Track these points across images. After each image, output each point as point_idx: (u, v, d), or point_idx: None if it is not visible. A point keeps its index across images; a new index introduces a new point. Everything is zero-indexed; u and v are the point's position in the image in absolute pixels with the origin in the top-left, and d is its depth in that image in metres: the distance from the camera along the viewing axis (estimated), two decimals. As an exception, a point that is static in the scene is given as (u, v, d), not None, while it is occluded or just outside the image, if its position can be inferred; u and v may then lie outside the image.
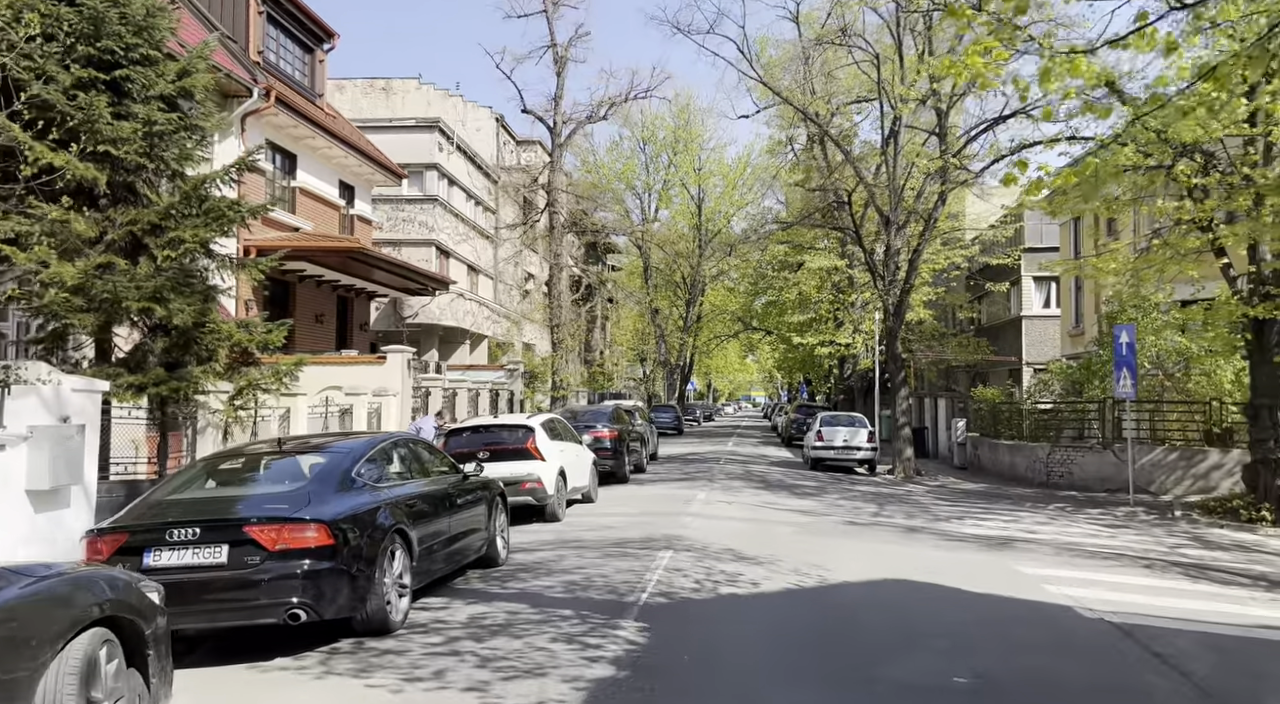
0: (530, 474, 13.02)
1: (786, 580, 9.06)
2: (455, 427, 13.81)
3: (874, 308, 31.54)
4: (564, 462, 14.04)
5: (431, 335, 33.98)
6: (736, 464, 25.61)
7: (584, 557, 10.23)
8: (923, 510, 16.11)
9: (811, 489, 19.28)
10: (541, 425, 13.77)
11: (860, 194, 25.67)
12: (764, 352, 59.18)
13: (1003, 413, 23.25)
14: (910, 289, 23.30)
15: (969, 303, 35.77)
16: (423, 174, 33.85)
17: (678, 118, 57.68)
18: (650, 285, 56.25)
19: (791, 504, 16.29)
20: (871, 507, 16.43)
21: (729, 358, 77.69)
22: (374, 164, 26.23)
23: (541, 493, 13.05)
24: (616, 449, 19.35)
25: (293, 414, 15.07)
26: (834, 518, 14.65)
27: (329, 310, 24.77)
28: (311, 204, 23.50)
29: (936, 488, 20.79)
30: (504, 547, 9.89)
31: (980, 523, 14.58)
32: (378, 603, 6.60)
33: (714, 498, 16.74)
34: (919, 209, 22.44)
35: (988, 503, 17.74)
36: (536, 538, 11.86)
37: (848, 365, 37.67)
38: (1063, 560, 11.18)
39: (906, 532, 13.30)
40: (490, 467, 12.72)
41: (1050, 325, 33.21)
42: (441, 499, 8.16)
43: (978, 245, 31.91)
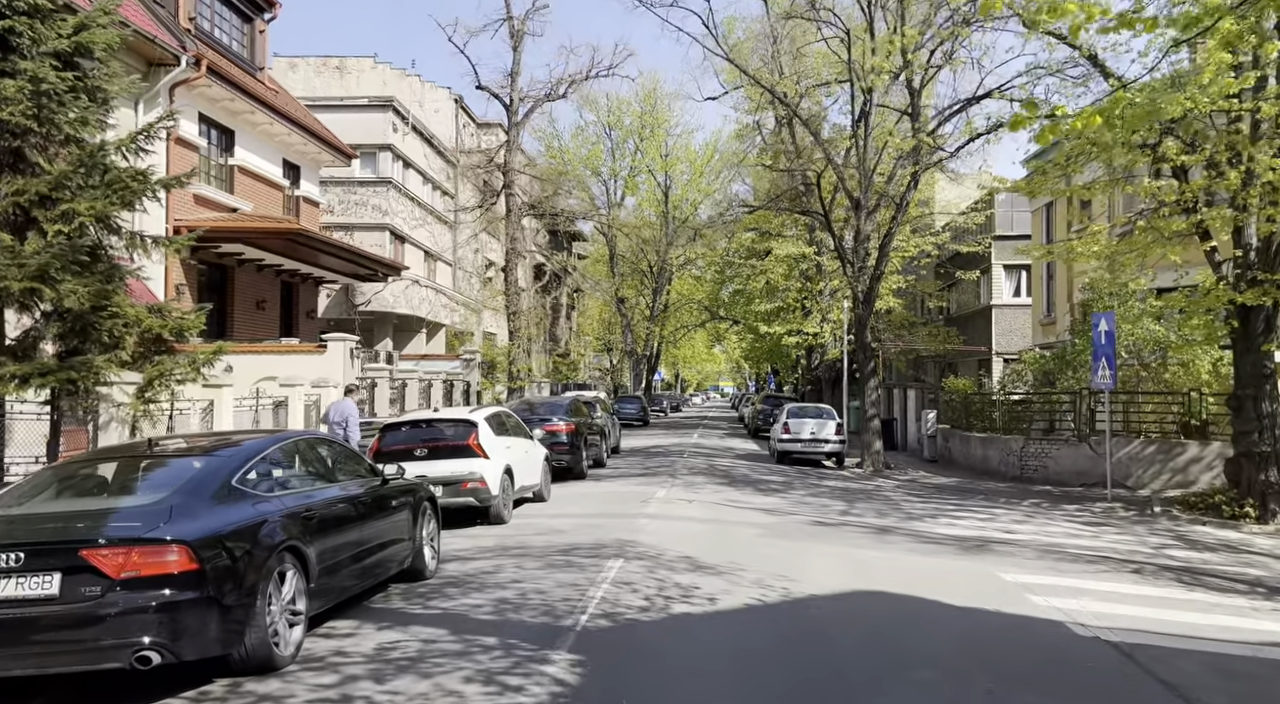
0: (472, 473, 11.95)
1: (748, 595, 8.09)
2: (390, 421, 12.70)
3: (843, 296, 30.71)
4: (511, 459, 12.98)
5: (385, 324, 32.69)
6: (701, 457, 24.67)
7: (524, 567, 9.19)
8: (894, 508, 15.26)
9: (777, 485, 18.39)
10: (486, 420, 12.69)
11: (829, 178, 24.78)
12: (731, 341, 58.37)
13: (974, 404, 22.53)
14: (880, 276, 22.45)
15: (939, 292, 35.11)
16: (376, 155, 32.48)
17: (644, 103, 56.65)
18: (616, 274, 55.19)
19: (756, 502, 15.37)
20: (840, 504, 15.56)
21: (696, 348, 76.87)
22: (321, 143, 24.89)
23: (484, 493, 12.00)
24: (573, 443, 18.32)
25: (217, 408, 13.87)
26: (800, 517, 13.74)
27: (271, 296, 23.45)
28: (251, 184, 22.15)
29: (907, 483, 20.00)
30: (433, 557, 8.83)
31: (955, 522, 13.75)
32: (260, 636, 5.52)
33: (674, 495, 15.77)
34: (890, 193, 21.57)
35: (960, 499, 16.95)
36: (476, 544, 10.81)
37: (815, 355, 36.89)
38: (1046, 565, 10.33)
39: (878, 533, 12.41)
40: (429, 465, 11.69)
41: (1021, 314, 32.62)
42: (351, 508, 7.08)
43: (948, 232, 31.19)
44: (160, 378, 11.96)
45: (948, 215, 31.75)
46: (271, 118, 22.05)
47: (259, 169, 22.41)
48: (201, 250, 19.80)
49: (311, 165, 25.94)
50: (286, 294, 24.99)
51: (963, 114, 19.21)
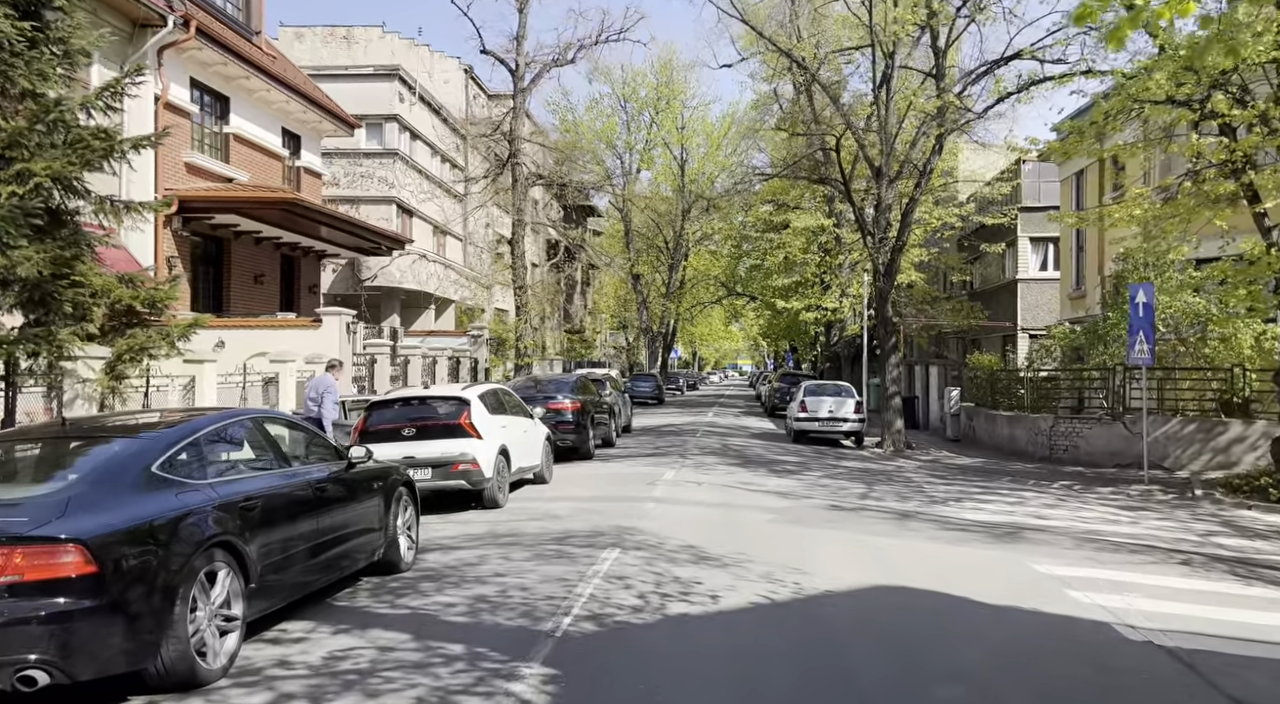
0: (464, 454, 11.17)
1: (754, 591, 7.27)
2: (378, 399, 11.94)
3: (862, 269, 29.65)
4: (508, 439, 12.19)
5: (392, 300, 31.96)
6: (714, 437, 23.84)
7: (511, 558, 8.40)
8: (916, 490, 14.38)
9: (793, 466, 17.53)
10: (479, 397, 11.88)
11: (849, 147, 23.71)
12: (748, 318, 57.31)
13: (1001, 381, 21.51)
14: (903, 248, 21.42)
15: (963, 265, 33.93)
16: (382, 126, 31.63)
17: (659, 74, 55.34)
18: (631, 249, 54.20)
19: (769, 484, 14.52)
20: (859, 486, 14.69)
21: (713, 326, 75.83)
22: (321, 111, 24.05)
23: (477, 476, 11.21)
24: (579, 422, 17.52)
25: (199, 385, 13.14)
26: (816, 501, 12.89)
27: (270, 270, 22.72)
28: (248, 153, 21.37)
29: (929, 463, 19.09)
30: (410, 548, 8.05)
31: (982, 506, 12.86)
32: (179, 649, 4.75)
33: (683, 477, 14.95)
34: (913, 159, 20.49)
35: (987, 480, 16.03)
36: (464, 531, 10.03)
37: (834, 331, 35.87)
38: (1084, 555, 9.45)
39: (899, 518, 11.55)
40: (417, 445, 10.93)
41: (1048, 289, 31.46)
42: (307, 495, 6.30)
43: (973, 203, 30.00)
44: (131, 352, 11.26)
45: (973, 184, 30.50)
46: (268, 84, 21.22)
47: (256, 137, 21.62)
48: (194, 221, 19.11)
49: (313, 135, 25.11)
50: (287, 268, 24.27)
51: (990, 76, 18.06)
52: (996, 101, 17.30)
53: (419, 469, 11.06)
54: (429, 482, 11.13)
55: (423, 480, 11.09)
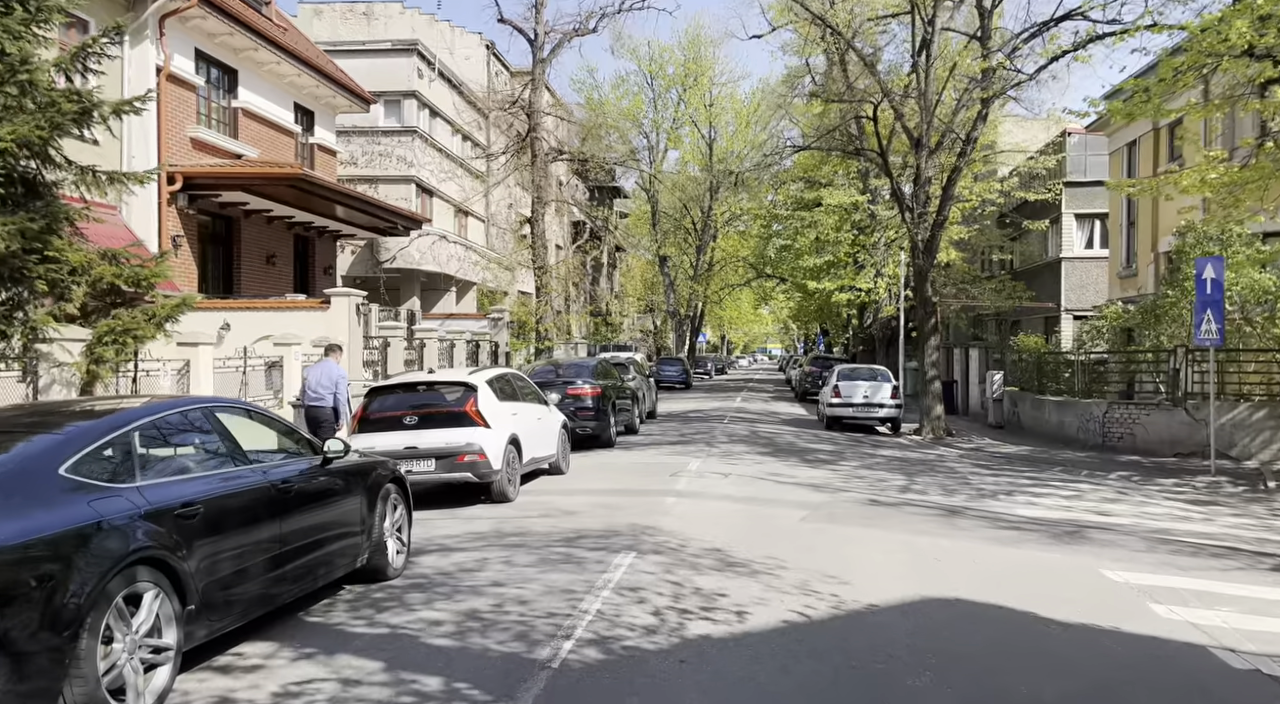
0: (470, 444, 10.29)
1: (787, 606, 6.31)
2: (378, 385, 11.09)
3: (898, 247, 28.41)
4: (519, 427, 11.29)
5: (412, 282, 31.19)
6: (742, 423, 22.84)
7: (514, 563, 7.50)
8: (962, 482, 13.32)
9: (826, 455, 16.50)
10: (487, 383, 10.98)
11: (885, 119, 22.47)
12: (778, 301, 56.05)
13: (1048, 364, 20.27)
14: (944, 223, 20.20)
15: (1003, 243, 32.48)
16: (400, 103, 30.76)
17: (687, 50, 54.09)
18: (658, 231, 53.12)
19: (802, 475, 13.52)
20: (899, 478, 13.65)
21: (743, 309, 74.57)
22: (335, 86, 23.22)
23: (484, 467, 10.33)
24: (599, 408, 16.61)
25: (194, 369, 12.36)
26: (853, 494, 11.88)
27: (283, 251, 22.00)
28: (258, 128, 20.59)
29: (972, 451, 17.98)
30: (399, 551, 7.18)
31: (1035, 500, 11.79)
32: (87, 691, 3.89)
33: (709, 467, 13.99)
34: (955, 128, 19.24)
35: (1036, 471, 14.92)
36: (468, 529, 9.15)
37: (868, 313, 34.62)
38: (1159, 559, 8.38)
39: (946, 515, 10.51)
40: (419, 435, 10.05)
41: (1094, 268, 30.00)
42: (265, 497, 5.42)
43: (1016, 177, 28.58)
44: (113, 334, 10.48)
45: (1017, 156, 29.02)
46: (278, 56, 20.39)
47: (266, 112, 20.83)
48: (201, 199, 18.38)
49: (326, 110, 24.30)
50: (302, 249, 23.55)
51: (1041, 38, 16.74)
52: (1050, 61, 16.01)
53: (421, 460, 10.21)
54: (432, 474, 10.27)
55: (425, 473, 10.25)
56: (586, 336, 49.76)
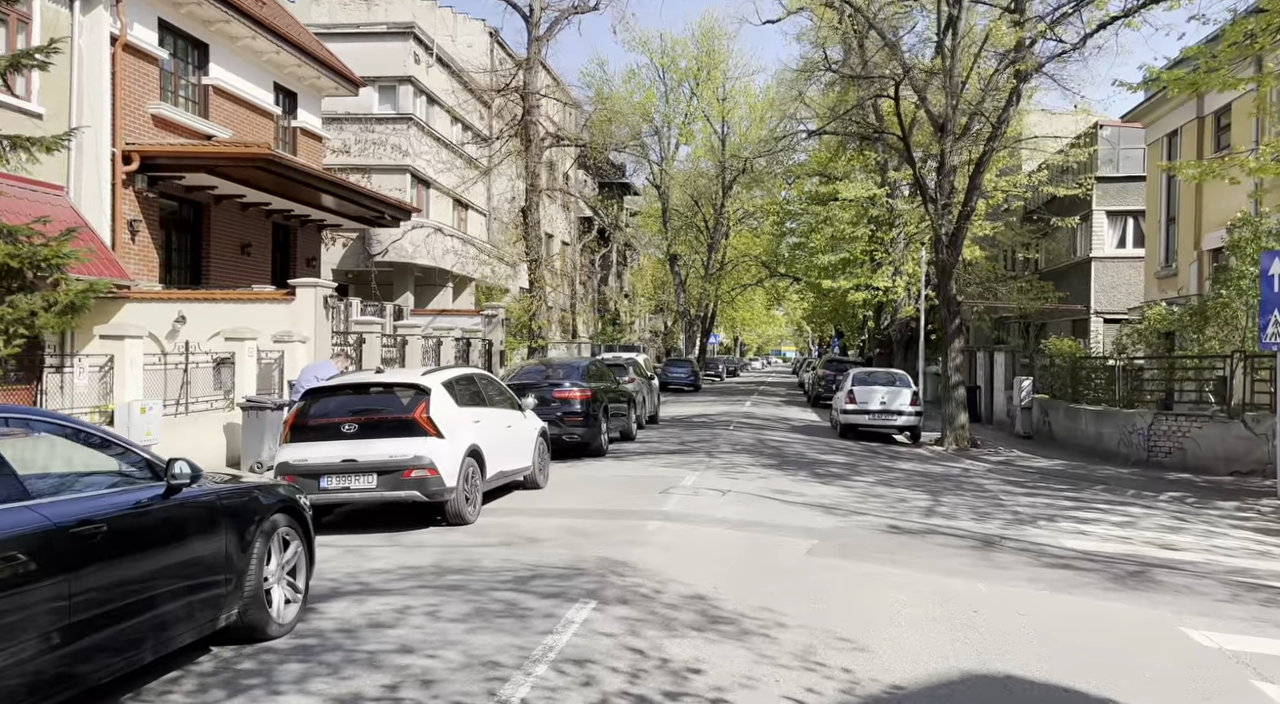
0: (418, 457, 8.74)
1: (783, 691, 4.71)
2: (315, 386, 9.58)
3: (919, 243, 26.72)
4: (482, 437, 9.74)
5: (405, 277, 29.72)
6: (749, 430, 21.21)
7: (440, 616, 5.93)
8: (993, 503, 11.68)
9: (839, 468, 14.87)
10: (444, 386, 9.42)
11: (907, 103, 20.82)
12: (792, 301, 54.33)
13: (1084, 370, 18.54)
14: (970, 214, 18.52)
15: (1029, 241, 30.68)
16: (395, 89, 29.29)
17: (700, 43, 52.55)
18: (669, 229, 51.53)
19: (810, 493, 11.90)
20: (922, 497, 12.01)
21: (755, 310, 72.83)
22: (319, 66, 21.76)
23: (434, 484, 8.78)
24: (589, 413, 15.05)
25: (118, 365, 10.88)
26: (870, 518, 10.26)
27: (260, 240, 20.54)
28: (232, 108, 19.15)
29: (1000, 466, 16.30)
30: (290, 601, 5.62)
31: (1082, 527, 10.15)
32: None
33: (706, 483, 12.39)
34: (985, 111, 17.56)
35: (1075, 490, 13.25)
36: (404, 561, 7.60)
37: (885, 314, 32.90)
38: (1250, 612, 6.75)
39: (981, 547, 8.88)
40: (359, 446, 8.52)
41: (1126, 268, 28.23)
42: (36, 547, 3.86)
43: (1045, 171, 26.84)
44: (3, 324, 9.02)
45: (1042, 151, 27.27)
46: (253, 30, 18.92)
47: (241, 91, 19.37)
48: (163, 181, 16.94)
49: (311, 93, 22.85)
50: (282, 239, 22.11)
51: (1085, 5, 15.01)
52: (1098, 28, 14.30)
53: (361, 476, 8.67)
54: (373, 492, 8.72)
55: (365, 491, 8.71)
56: (593, 336, 48.22)
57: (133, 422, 10.43)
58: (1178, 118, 22.46)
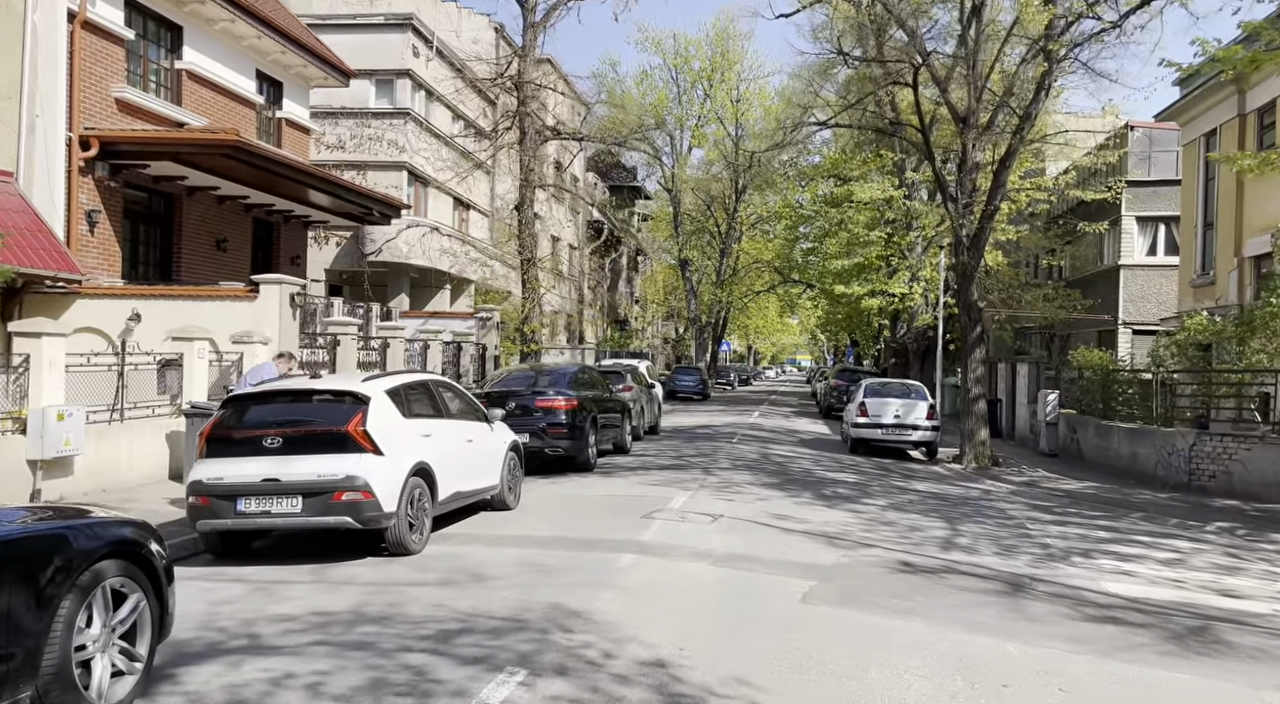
0: (350, 477, 7.50)
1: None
2: (238, 392, 8.38)
3: (936, 248, 25.35)
4: (434, 452, 8.50)
5: (400, 278, 28.58)
6: (754, 443, 19.89)
7: (320, 693, 4.66)
8: (1019, 533, 10.33)
9: (848, 488, 13.53)
10: (388, 394, 8.18)
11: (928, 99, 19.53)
12: (805, 308, 52.90)
13: (1117, 384, 17.12)
14: (993, 214, 17.16)
15: (1054, 248, 29.19)
16: (393, 83, 28.17)
17: (715, 44, 51.36)
18: (680, 233, 50.29)
19: (813, 519, 10.58)
20: (938, 525, 10.68)
21: (769, 318, 71.46)
22: (305, 53, 20.64)
23: (369, 509, 7.53)
24: (574, 424, 13.80)
25: (34, 366, 9.70)
26: (879, 551, 8.94)
27: (238, 235, 19.40)
28: (208, 95, 18.03)
29: (1025, 487, 14.93)
30: (117, 673, 4.37)
31: (1124, 564, 8.82)
32: None
33: (696, 505, 11.09)
34: (1012, 99, 16.22)
35: (1111, 517, 11.88)
36: (318, 605, 6.36)
37: (901, 322, 31.49)
38: (1348, 691, 5.40)
39: (1009, 592, 7.56)
40: (282, 463, 7.30)
41: (1158, 276, 26.76)
42: None
43: (1074, 172, 25.42)
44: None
45: (1069, 155, 25.85)
46: (232, 13, 17.82)
47: (219, 78, 18.26)
48: (128, 170, 15.83)
49: (298, 82, 21.75)
50: (265, 235, 20.99)
51: None
52: (1141, 3, 12.92)
53: (284, 498, 7.44)
54: (298, 517, 7.49)
55: (288, 515, 7.48)
56: (600, 342, 47.00)
57: (47, 430, 9.27)
58: (1217, 116, 21.04)
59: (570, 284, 44.97)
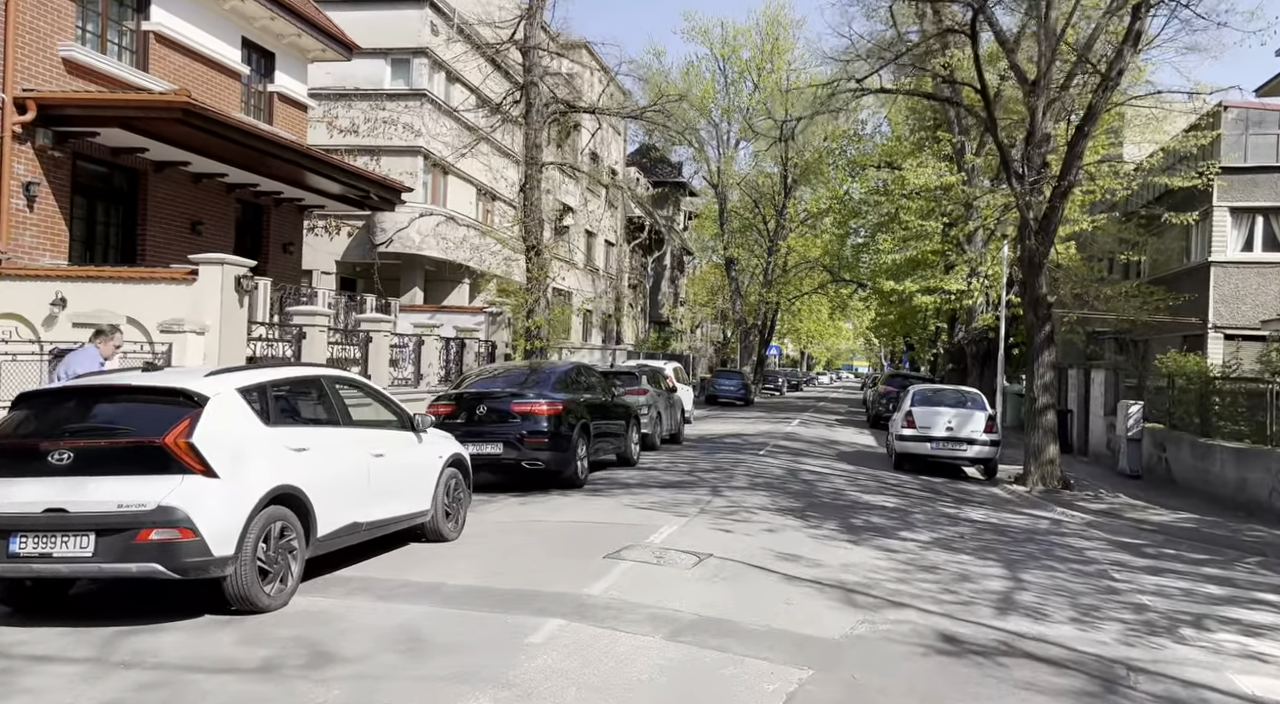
0: (165, 508, 5.42)
1: None
2: (32, 390, 6.39)
3: (999, 240, 22.61)
4: (312, 472, 6.37)
5: (414, 270, 26.76)
6: (783, 456, 17.47)
7: None
8: (1103, 589, 7.87)
9: (883, 516, 11.09)
10: (240, 391, 6.06)
11: (989, 51, 16.94)
12: (856, 308, 50.02)
13: (1220, 395, 14.31)
14: (1067, 191, 14.53)
15: (1136, 241, 26.10)
16: (409, 63, 26.38)
17: (765, 33, 48.89)
18: (725, 230, 47.88)
19: (830, 561, 8.21)
20: (995, 573, 8.24)
21: (821, 320, 68.55)
22: (298, 20, 18.85)
23: (191, 551, 5.44)
24: (557, 433, 11.62)
25: None
26: (910, 616, 6.56)
27: (217, 218, 17.64)
28: (180, 61, 16.30)
29: (1104, 518, 12.32)
30: None
31: (1254, 641, 6.40)
32: None
33: (685, 538, 8.79)
34: (1096, 55, 13.63)
35: (1222, 564, 9.30)
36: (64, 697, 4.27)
37: (959, 324, 28.68)
38: None
39: (1098, 695, 5.17)
40: (77, 486, 5.24)
41: (1255, 275, 23.64)
42: None
43: (1160, 155, 22.48)
44: None
45: (1168, 107, 22.73)
46: (207, -29, 16.11)
47: (194, 43, 16.52)
48: (76, 139, 14.13)
49: (292, 54, 19.99)
50: (251, 219, 19.24)
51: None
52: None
53: (73, 536, 5.38)
54: (88, 562, 5.41)
55: (76, 559, 5.42)
56: (637, 343, 44.79)
57: None
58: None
59: (608, 282, 42.93)
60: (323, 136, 24.92)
